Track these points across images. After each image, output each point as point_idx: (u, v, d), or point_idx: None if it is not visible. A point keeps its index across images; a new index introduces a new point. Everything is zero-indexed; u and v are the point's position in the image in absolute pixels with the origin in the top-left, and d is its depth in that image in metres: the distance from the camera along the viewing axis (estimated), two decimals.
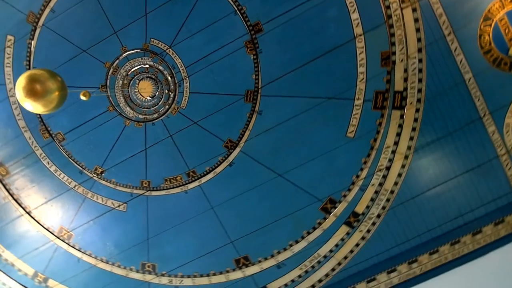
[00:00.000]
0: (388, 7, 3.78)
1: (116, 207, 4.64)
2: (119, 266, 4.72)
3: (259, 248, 4.40)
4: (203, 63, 4.22)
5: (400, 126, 3.95)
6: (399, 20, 3.78)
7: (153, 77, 4.41)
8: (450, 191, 3.99)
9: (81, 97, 3.50)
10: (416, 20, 3.75)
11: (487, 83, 3.75)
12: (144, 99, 4.49)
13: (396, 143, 3.98)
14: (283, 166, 4.23)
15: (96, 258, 4.77)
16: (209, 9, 4.13)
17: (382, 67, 3.90)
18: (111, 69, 4.44)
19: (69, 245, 4.80)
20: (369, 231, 4.16)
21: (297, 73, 4.05)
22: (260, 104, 4.16)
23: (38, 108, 2.54)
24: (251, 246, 4.41)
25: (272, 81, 4.11)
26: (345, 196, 4.15)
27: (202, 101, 4.29)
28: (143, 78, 4.46)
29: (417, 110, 3.89)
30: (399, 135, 3.96)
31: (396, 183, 4.04)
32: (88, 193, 4.69)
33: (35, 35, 4.50)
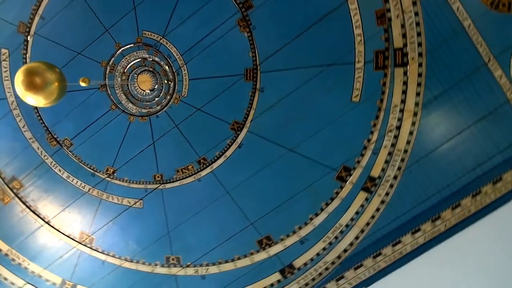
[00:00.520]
0: None
1: (132, 205, 5.08)
2: (144, 263, 5.17)
3: (280, 226, 4.77)
4: (198, 48, 4.58)
5: (404, 83, 4.24)
6: None
7: (151, 70, 4.80)
8: (464, 143, 4.27)
9: (81, 83, 3.82)
10: None
11: (488, 27, 4.00)
12: (144, 92, 4.88)
13: (403, 101, 4.27)
14: (293, 140, 4.57)
15: (120, 258, 5.22)
16: None
17: (378, 25, 4.19)
18: (108, 68, 4.84)
19: (92, 249, 5.27)
20: (387, 194, 4.48)
21: (294, 45, 4.37)
22: (261, 81, 4.50)
23: (40, 100, 2.73)
24: (272, 225, 4.78)
25: (269, 56, 4.44)
26: (358, 162, 4.48)
27: (202, 86, 4.66)
28: (141, 72, 4.85)
29: (420, 64, 4.17)
30: (405, 92, 4.25)
31: (408, 142, 4.34)
32: (103, 194, 5.13)
33: (28, 44, 4.92)
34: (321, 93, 4.40)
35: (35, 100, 2.69)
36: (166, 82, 4.57)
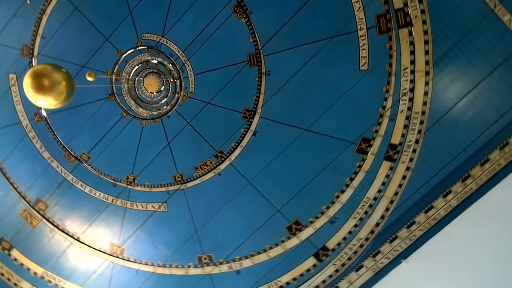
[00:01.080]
0: None
1: (157, 209, 5.56)
2: (177, 266, 5.63)
3: (307, 209, 5.12)
4: (198, 42, 5.02)
5: (411, 43, 4.54)
6: None
7: (155, 71, 5.28)
8: (483, 95, 4.53)
9: (88, 78, 4.29)
10: None
11: None
12: (152, 95, 5.36)
13: (412, 62, 4.57)
14: (306, 119, 4.94)
15: (152, 265, 5.71)
16: None
17: None
18: (114, 76, 5.35)
19: (124, 259, 5.77)
20: (411, 159, 4.77)
21: (293, 23, 4.74)
22: (265, 65, 4.90)
23: (50, 101, 2.95)
24: (299, 209, 5.15)
25: (270, 38, 4.84)
26: (377, 131, 4.80)
27: (208, 79, 5.09)
28: (146, 75, 5.33)
29: (424, 22, 4.47)
30: (413, 53, 4.55)
31: (424, 102, 4.63)
32: (127, 203, 5.63)
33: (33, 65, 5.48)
34: (328, 67, 4.74)
35: (46, 101, 2.92)
36: (172, 81, 5.02)
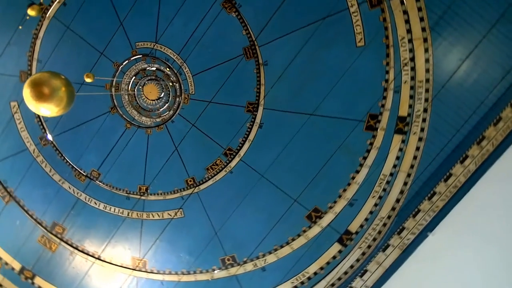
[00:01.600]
0: None
1: (174, 217, 5.66)
2: (201, 271, 5.72)
3: (324, 194, 5.19)
4: (192, 43, 5.16)
5: (405, 12, 4.62)
6: None
7: (154, 78, 5.42)
8: (485, 54, 4.57)
9: (86, 79, 4.45)
10: None
11: None
12: (154, 102, 5.51)
13: (409, 31, 4.65)
14: (311, 104, 5.03)
15: (177, 273, 5.80)
16: None
17: None
18: (113, 89, 5.50)
19: (147, 272, 5.88)
20: (422, 129, 4.83)
21: (283, 9, 4.85)
22: (261, 55, 5.01)
23: (53, 109, 2.95)
24: (316, 196, 5.22)
25: (263, 28, 4.95)
26: (383, 105, 4.88)
27: (207, 78, 5.22)
28: (145, 83, 5.48)
29: None
30: (408, 21, 4.63)
31: (427, 70, 4.69)
32: (142, 214, 5.75)
33: None
34: (325, 48, 4.84)
35: (48, 109, 2.94)
36: (171, 85, 5.16)
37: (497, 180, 4.68)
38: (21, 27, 5.48)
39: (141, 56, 5.11)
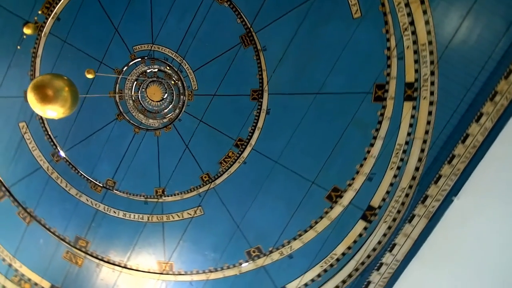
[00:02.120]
0: None
1: (194, 215, 5.77)
2: (228, 267, 5.81)
3: (341, 172, 5.24)
4: (188, 38, 5.26)
5: None
6: None
7: (155, 79, 5.54)
8: (485, 8, 4.56)
9: (87, 75, 4.57)
10: None
11: None
12: (158, 103, 5.63)
13: None
14: (315, 83, 5.08)
15: (204, 272, 5.91)
16: None
17: None
18: (117, 96, 5.64)
19: (174, 274, 6.00)
20: (432, 93, 4.84)
21: None
22: (259, 41, 5.09)
23: (58, 110, 3.04)
24: (333, 175, 5.27)
25: (257, 13, 5.03)
26: (388, 74, 4.90)
27: (208, 72, 5.32)
28: (147, 85, 5.61)
29: None
30: None
31: (428, 32, 4.71)
32: (162, 217, 5.87)
33: None
34: (322, 25, 4.90)
35: (54, 110, 3.02)
36: (173, 83, 5.27)
37: None
38: (19, 47, 5.66)
39: (140, 59, 5.23)
